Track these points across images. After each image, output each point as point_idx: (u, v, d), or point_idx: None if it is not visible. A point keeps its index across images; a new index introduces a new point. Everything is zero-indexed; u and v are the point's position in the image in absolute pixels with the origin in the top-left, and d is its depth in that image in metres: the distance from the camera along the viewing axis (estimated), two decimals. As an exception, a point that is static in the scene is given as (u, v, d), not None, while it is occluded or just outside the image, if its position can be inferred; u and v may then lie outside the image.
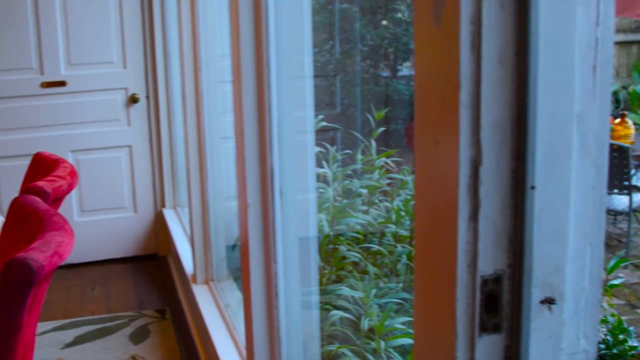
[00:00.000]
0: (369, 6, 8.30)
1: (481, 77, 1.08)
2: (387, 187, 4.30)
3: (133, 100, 5.74)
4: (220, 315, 3.95)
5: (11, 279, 2.21)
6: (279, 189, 2.60)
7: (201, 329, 4.08)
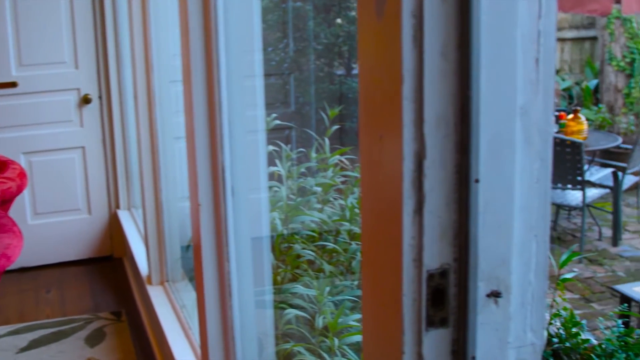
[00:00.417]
0: (322, 4, 8.31)
1: (424, 70, 1.08)
2: (342, 185, 4.30)
3: (85, 100, 5.68)
4: (176, 316, 3.93)
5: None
6: (231, 188, 2.59)
7: (157, 330, 4.05)
